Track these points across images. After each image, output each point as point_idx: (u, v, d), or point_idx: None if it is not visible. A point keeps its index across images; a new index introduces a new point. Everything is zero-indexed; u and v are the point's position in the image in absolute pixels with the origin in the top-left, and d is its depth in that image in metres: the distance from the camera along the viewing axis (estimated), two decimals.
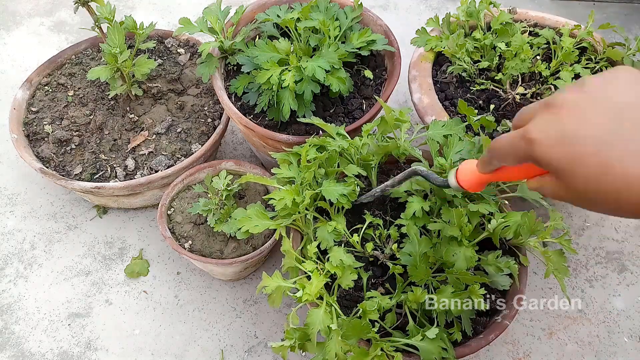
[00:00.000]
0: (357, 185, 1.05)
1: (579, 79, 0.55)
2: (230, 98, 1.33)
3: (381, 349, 0.88)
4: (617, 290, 1.44)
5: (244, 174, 1.27)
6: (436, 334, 0.88)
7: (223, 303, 1.39)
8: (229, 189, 1.27)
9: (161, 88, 1.55)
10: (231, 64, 1.37)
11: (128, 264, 1.45)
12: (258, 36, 1.44)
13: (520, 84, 1.36)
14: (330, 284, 1.01)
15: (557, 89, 0.54)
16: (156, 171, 1.41)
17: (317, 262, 0.99)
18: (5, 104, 1.74)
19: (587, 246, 1.51)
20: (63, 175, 1.40)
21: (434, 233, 1.02)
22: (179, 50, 1.66)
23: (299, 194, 1.00)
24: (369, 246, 1.03)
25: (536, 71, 1.36)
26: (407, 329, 0.95)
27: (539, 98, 1.35)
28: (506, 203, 1.10)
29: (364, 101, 1.36)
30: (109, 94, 1.47)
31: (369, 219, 1.06)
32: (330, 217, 1.06)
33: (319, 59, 1.20)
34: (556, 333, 1.36)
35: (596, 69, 1.41)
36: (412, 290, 0.94)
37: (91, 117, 1.50)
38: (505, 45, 1.37)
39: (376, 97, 1.22)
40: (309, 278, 0.96)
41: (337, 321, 0.90)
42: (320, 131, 1.17)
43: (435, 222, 0.99)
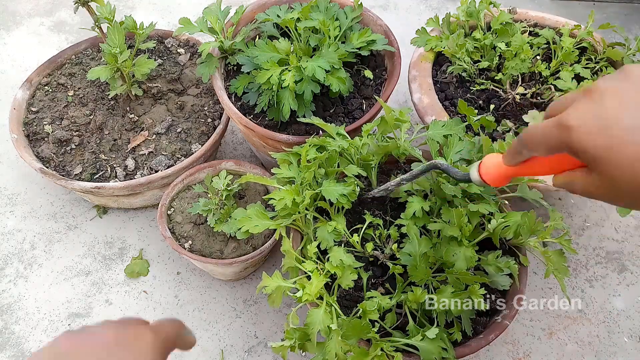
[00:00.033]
0: (357, 185, 1.05)
1: (621, 67, 0.55)
2: (230, 98, 1.33)
3: (381, 349, 0.88)
4: (617, 290, 1.44)
5: (244, 174, 1.27)
6: (436, 334, 0.88)
7: (223, 303, 1.39)
8: (229, 189, 1.27)
9: (161, 88, 1.55)
10: (231, 64, 1.37)
11: (128, 264, 1.45)
12: (258, 36, 1.44)
13: (520, 84, 1.36)
14: (330, 284, 1.01)
15: (605, 76, 0.53)
16: (156, 171, 1.41)
17: (317, 262, 0.99)
18: (5, 104, 1.74)
19: (587, 246, 1.51)
20: (63, 175, 1.40)
21: (434, 233, 1.02)
22: (179, 50, 1.66)
23: (299, 194, 1.00)
24: (369, 246, 1.03)
25: (536, 71, 1.36)
26: (407, 329, 0.95)
27: (539, 98, 1.35)
28: (506, 203, 1.10)
29: (364, 101, 1.36)
30: (109, 94, 1.47)
31: (369, 219, 1.06)
32: (330, 217, 1.06)
33: (319, 59, 1.20)
34: (556, 333, 1.36)
35: (596, 69, 1.41)
36: (412, 290, 0.94)
37: (91, 117, 1.50)
38: (505, 45, 1.37)
39: (376, 97, 1.22)
40: (309, 278, 0.96)
41: (337, 321, 0.90)
42: (320, 131, 1.17)
43: (435, 222, 0.99)
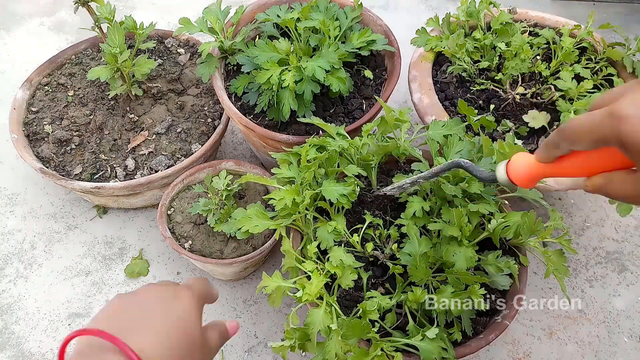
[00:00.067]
0: (357, 185, 1.05)
1: None
2: (230, 98, 1.33)
3: (381, 349, 0.88)
4: (617, 290, 1.44)
5: (244, 174, 1.27)
6: (436, 334, 0.88)
7: (223, 303, 1.39)
8: (229, 189, 1.27)
9: (161, 88, 1.55)
10: (231, 64, 1.37)
11: (128, 264, 1.45)
12: (258, 36, 1.44)
13: (520, 84, 1.36)
14: (330, 284, 1.01)
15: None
16: (156, 171, 1.41)
17: (317, 262, 0.99)
18: (5, 104, 1.74)
19: (587, 246, 1.51)
20: (63, 175, 1.40)
21: (434, 233, 1.02)
22: (179, 50, 1.66)
23: (299, 194, 1.00)
24: (369, 246, 1.03)
25: (536, 71, 1.36)
26: (407, 329, 0.95)
27: (539, 98, 1.35)
28: (506, 203, 1.10)
29: (364, 101, 1.36)
30: (109, 94, 1.47)
31: (369, 219, 1.06)
32: (330, 217, 1.06)
33: (319, 59, 1.20)
34: (556, 333, 1.36)
35: (596, 69, 1.41)
36: (412, 290, 0.94)
37: (91, 117, 1.50)
38: (505, 45, 1.37)
39: (376, 97, 1.22)
40: (309, 278, 0.96)
41: (337, 321, 0.90)
42: (320, 131, 1.17)
43: (435, 222, 0.99)
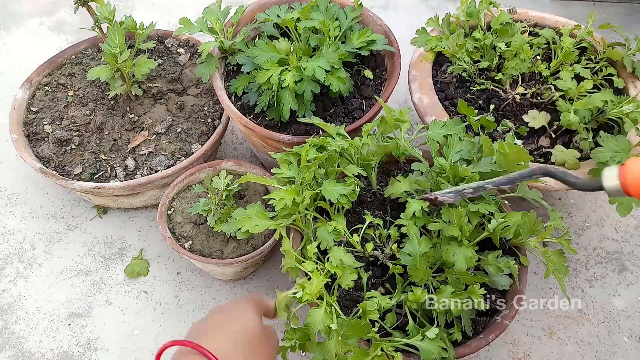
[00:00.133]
0: (357, 185, 1.05)
1: None
2: (230, 98, 1.33)
3: (381, 349, 0.88)
4: (617, 290, 1.44)
5: (244, 174, 1.27)
6: (436, 334, 0.88)
7: (223, 303, 1.39)
8: (229, 189, 1.27)
9: (161, 88, 1.55)
10: (231, 64, 1.37)
11: (128, 264, 1.45)
12: (258, 36, 1.44)
13: (520, 84, 1.36)
14: (330, 284, 1.01)
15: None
16: (156, 171, 1.41)
17: (317, 262, 0.99)
18: (5, 104, 1.74)
19: (587, 246, 1.51)
20: (63, 175, 1.40)
21: (434, 233, 1.02)
22: (179, 50, 1.66)
23: (299, 194, 1.00)
24: (369, 246, 1.03)
25: (536, 71, 1.36)
26: (407, 329, 0.95)
27: (539, 98, 1.35)
28: (506, 203, 1.10)
29: (364, 101, 1.36)
30: (109, 94, 1.47)
31: (369, 219, 1.06)
32: (330, 217, 1.06)
33: (319, 59, 1.20)
34: (556, 333, 1.36)
35: (596, 69, 1.41)
36: (412, 290, 0.94)
37: (91, 117, 1.50)
38: (505, 45, 1.37)
39: (376, 97, 1.22)
40: (309, 278, 0.96)
41: (337, 321, 0.90)
42: (320, 131, 1.17)
43: (435, 222, 0.99)
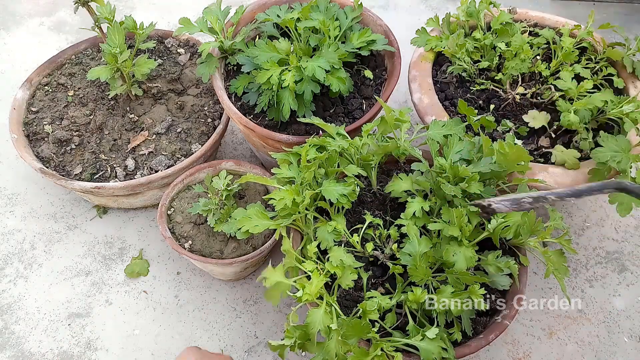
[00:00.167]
0: (357, 185, 1.05)
1: None
2: (230, 98, 1.33)
3: (381, 349, 0.88)
4: (617, 290, 1.44)
5: (244, 174, 1.27)
6: (436, 334, 0.88)
7: (223, 303, 1.39)
8: (229, 189, 1.27)
9: (161, 88, 1.55)
10: (231, 64, 1.37)
11: (128, 264, 1.45)
12: (258, 36, 1.44)
13: (520, 84, 1.36)
14: (330, 283, 1.01)
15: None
16: (156, 171, 1.41)
17: (317, 262, 0.99)
18: (5, 104, 1.74)
19: (587, 246, 1.51)
20: (63, 175, 1.40)
21: (434, 233, 1.02)
22: (179, 50, 1.66)
23: (299, 194, 1.00)
24: (369, 246, 1.03)
25: (536, 71, 1.36)
26: (407, 329, 0.95)
27: (539, 98, 1.35)
28: None
29: (364, 101, 1.36)
30: (109, 94, 1.47)
31: (369, 219, 1.06)
32: (330, 217, 1.06)
33: (319, 59, 1.20)
34: (556, 333, 1.36)
35: (596, 69, 1.41)
36: (412, 290, 0.94)
37: (91, 117, 1.50)
38: (505, 45, 1.37)
39: (376, 97, 1.22)
40: (309, 278, 0.96)
41: (337, 321, 0.90)
42: (320, 131, 1.17)
43: (435, 222, 0.99)
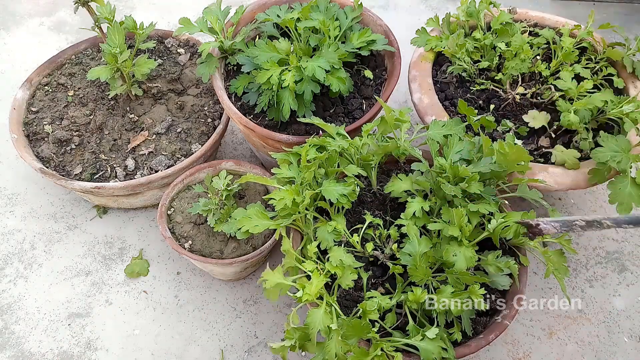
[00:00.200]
0: (357, 185, 1.05)
1: None
2: (230, 98, 1.33)
3: (381, 349, 0.88)
4: (617, 290, 1.44)
5: (244, 174, 1.27)
6: (436, 334, 0.88)
7: (223, 303, 1.39)
8: (229, 189, 1.27)
9: (161, 88, 1.55)
10: (231, 64, 1.37)
11: (128, 264, 1.45)
12: (258, 36, 1.44)
13: (520, 84, 1.36)
14: (330, 283, 1.01)
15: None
16: (156, 171, 1.41)
17: (317, 262, 0.99)
18: (5, 104, 1.74)
19: (587, 246, 1.51)
20: (63, 175, 1.40)
21: (434, 233, 1.02)
22: (179, 50, 1.66)
23: (299, 194, 1.00)
24: (369, 246, 1.03)
25: (536, 71, 1.36)
26: (407, 329, 0.95)
27: (539, 98, 1.35)
28: (506, 203, 1.10)
29: (364, 101, 1.36)
30: (109, 94, 1.47)
31: (369, 219, 1.06)
32: (330, 217, 1.06)
33: (319, 59, 1.20)
34: (556, 333, 1.36)
35: (596, 69, 1.41)
36: (412, 290, 0.94)
37: (91, 117, 1.50)
38: (505, 45, 1.37)
39: (376, 97, 1.22)
40: (309, 278, 0.96)
41: (337, 321, 0.90)
42: (320, 131, 1.17)
43: (435, 222, 0.99)
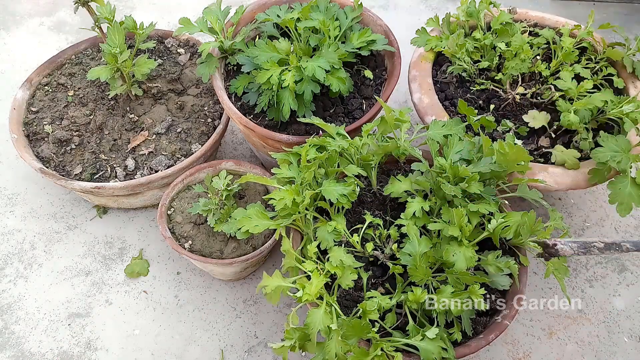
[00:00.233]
0: (357, 185, 1.05)
1: None
2: (230, 98, 1.33)
3: (381, 349, 0.88)
4: (617, 290, 1.44)
5: (244, 174, 1.27)
6: (436, 334, 0.88)
7: (223, 303, 1.39)
8: (229, 189, 1.27)
9: (161, 88, 1.55)
10: (231, 64, 1.37)
11: (128, 264, 1.45)
12: (258, 36, 1.44)
13: (520, 84, 1.36)
14: (330, 284, 1.01)
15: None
16: (156, 171, 1.41)
17: (317, 262, 0.99)
18: (5, 104, 1.74)
19: None
20: (63, 175, 1.40)
21: (434, 233, 1.02)
22: (179, 50, 1.66)
23: (299, 194, 1.00)
24: (369, 246, 1.03)
25: (536, 71, 1.36)
26: (407, 329, 0.95)
27: (539, 98, 1.35)
28: (506, 203, 1.10)
29: (364, 101, 1.36)
30: (109, 94, 1.47)
31: (369, 219, 1.06)
32: (330, 217, 1.06)
33: (319, 59, 1.20)
34: (556, 333, 1.36)
35: (596, 69, 1.41)
36: (412, 290, 0.94)
37: (91, 117, 1.50)
38: (505, 45, 1.37)
39: (376, 97, 1.22)
40: (309, 278, 0.96)
41: (337, 321, 0.90)
42: (320, 131, 1.17)
43: (435, 222, 0.99)
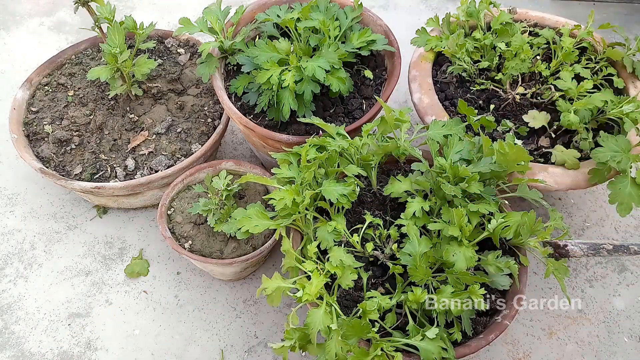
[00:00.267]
0: (357, 185, 1.05)
1: None
2: (230, 98, 1.33)
3: (381, 349, 0.88)
4: (617, 290, 1.44)
5: (244, 174, 1.27)
6: (436, 334, 0.88)
7: (223, 303, 1.39)
8: (229, 189, 1.27)
9: (161, 88, 1.55)
10: (231, 64, 1.37)
11: (128, 264, 1.45)
12: (258, 36, 1.44)
13: (520, 84, 1.36)
14: (330, 284, 1.01)
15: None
16: (156, 171, 1.41)
17: (317, 262, 0.99)
18: (5, 104, 1.74)
19: None
20: (63, 175, 1.40)
21: (434, 233, 1.02)
22: (179, 50, 1.66)
23: (299, 194, 1.00)
24: (369, 246, 1.03)
25: (536, 71, 1.36)
26: (407, 329, 0.95)
27: (539, 98, 1.35)
28: (506, 203, 1.10)
29: (364, 101, 1.36)
30: (109, 94, 1.47)
31: (369, 219, 1.06)
32: (330, 217, 1.06)
33: (319, 59, 1.20)
34: (556, 333, 1.36)
35: (596, 69, 1.41)
36: (412, 290, 0.94)
37: (91, 117, 1.50)
38: (505, 45, 1.37)
39: (376, 97, 1.22)
40: (309, 278, 0.96)
41: (337, 321, 0.90)
42: (320, 131, 1.17)
43: (435, 222, 0.99)
